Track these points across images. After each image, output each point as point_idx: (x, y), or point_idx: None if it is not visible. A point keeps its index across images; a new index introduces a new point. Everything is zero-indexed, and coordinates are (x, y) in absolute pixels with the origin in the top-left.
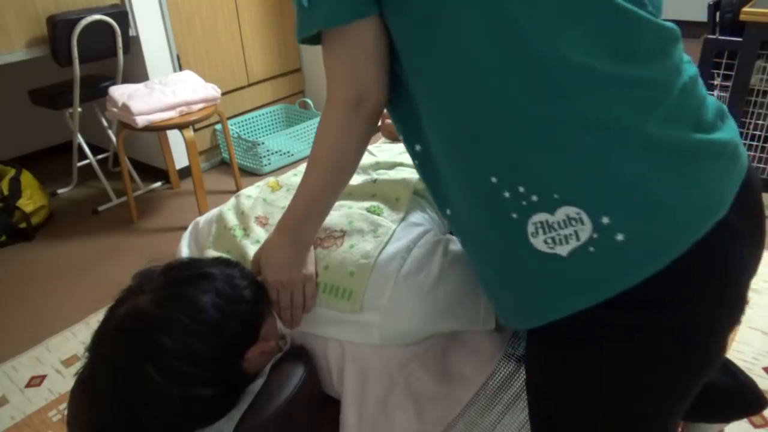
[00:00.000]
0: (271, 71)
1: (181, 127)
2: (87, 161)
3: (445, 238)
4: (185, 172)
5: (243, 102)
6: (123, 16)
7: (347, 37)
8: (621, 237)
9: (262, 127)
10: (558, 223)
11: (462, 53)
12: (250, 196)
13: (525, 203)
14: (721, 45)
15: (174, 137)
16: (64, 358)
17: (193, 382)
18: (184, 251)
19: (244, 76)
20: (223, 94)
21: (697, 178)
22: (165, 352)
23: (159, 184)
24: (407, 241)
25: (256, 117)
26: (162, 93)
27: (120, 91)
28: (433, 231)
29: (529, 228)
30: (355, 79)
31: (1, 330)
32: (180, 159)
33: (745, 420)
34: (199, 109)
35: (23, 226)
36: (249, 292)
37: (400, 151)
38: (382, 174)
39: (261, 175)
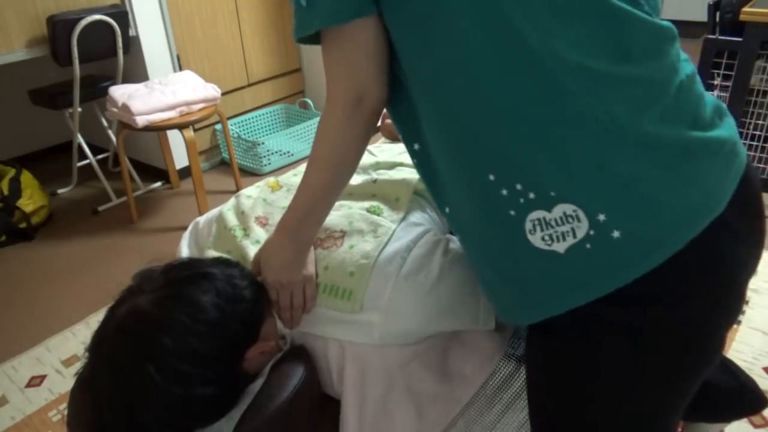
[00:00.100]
0: (271, 71)
1: (181, 127)
2: (87, 161)
3: (445, 238)
4: (185, 172)
5: (243, 102)
6: (123, 16)
7: (346, 36)
8: (617, 234)
9: (262, 127)
10: (555, 220)
11: (459, 53)
12: (250, 196)
13: (522, 201)
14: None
15: (174, 137)
16: (64, 358)
17: (193, 381)
18: (184, 251)
19: (244, 76)
20: (223, 94)
21: (694, 176)
22: (165, 351)
23: (159, 184)
24: (407, 241)
25: (256, 117)
26: (162, 93)
27: (120, 91)
28: (433, 231)
29: (527, 225)
30: (355, 79)
31: (1, 330)
32: (180, 159)
33: (745, 420)
34: (199, 109)
35: (23, 226)
36: (249, 292)
37: (400, 151)
38: (382, 174)
39: (261, 175)
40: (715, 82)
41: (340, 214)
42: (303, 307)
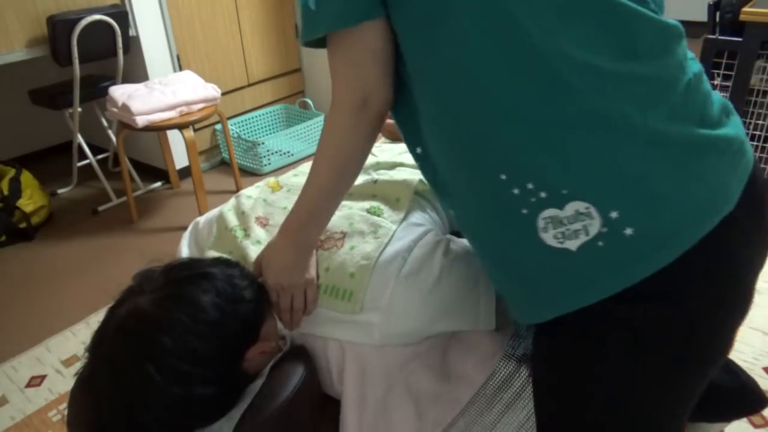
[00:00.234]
0: (271, 71)
1: (181, 127)
2: (87, 161)
3: (445, 238)
4: (185, 172)
5: (243, 102)
6: (123, 16)
7: (354, 39)
8: (630, 231)
9: (262, 127)
10: (567, 218)
11: (464, 53)
12: (251, 197)
13: (534, 199)
14: (721, 45)
15: (174, 137)
16: (64, 358)
17: (193, 381)
18: (184, 251)
19: (244, 76)
20: (223, 94)
21: (703, 174)
22: (165, 351)
23: (159, 184)
24: (408, 241)
25: (256, 117)
26: (162, 93)
27: (120, 91)
28: (434, 231)
29: (540, 223)
30: (361, 81)
31: (1, 330)
32: (180, 159)
33: (744, 420)
34: (199, 109)
35: (23, 226)
36: (249, 292)
37: (401, 151)
38: (382, 174)
39: (261, 175)
40: (715, 82)
41: (341, 214)
42: (303, 310)
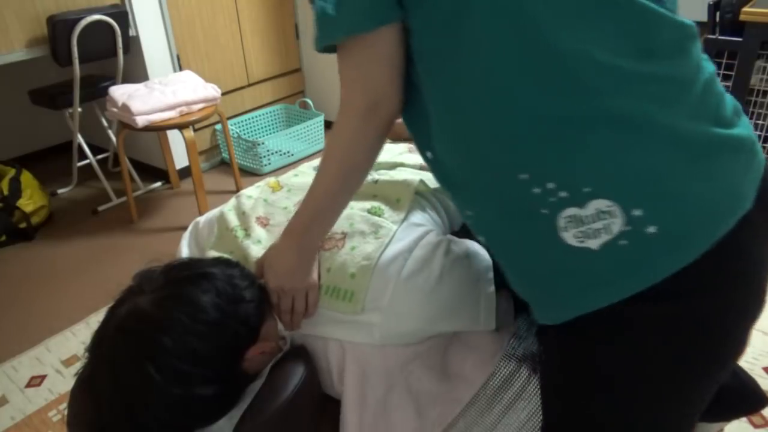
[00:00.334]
0: (271, 71)
1: (181, 127)
2: (87, 161)
3: (446, 239)
4: (185, 172)
5: (243, 102)
6: (123, 16)
7: (367, 44)
8: (652, 229)
9: (262, 127)
10: (588, 217)
11: (487, 54)
12: (251, 197)
13: (554, 199)
14: (721, 45)
15: (174, 137)
16: (64, 358)
17: (193, 381)
18: (184, 251)
19: (244, 76)
20: (223, 94)
21: (721, 173)
22: (165, 351)
23: (159, 184)
24: (408, 241)
25: (256, 117)
26: (162, 93)
27: (120, 91)
28: (435, 231)
29: (560, 222)
30: (373, 85)
31: (1, 330)
32: (180, 159)
33: (744, 420)
34: (199, 109)
35: (23, 226)
36: (249, 293)
37: (401, 151)
38: (383, 174)
39: (261, 175)
40: None
41: (341, 215)
42: (304, 313)
